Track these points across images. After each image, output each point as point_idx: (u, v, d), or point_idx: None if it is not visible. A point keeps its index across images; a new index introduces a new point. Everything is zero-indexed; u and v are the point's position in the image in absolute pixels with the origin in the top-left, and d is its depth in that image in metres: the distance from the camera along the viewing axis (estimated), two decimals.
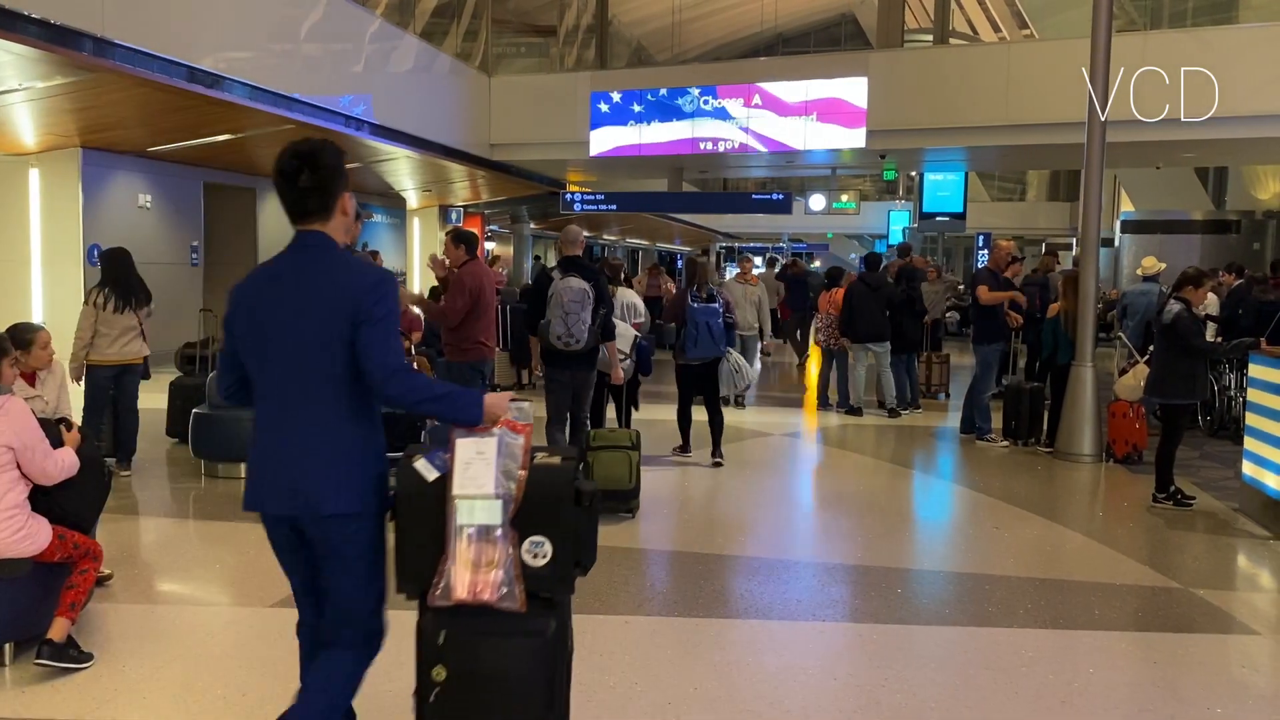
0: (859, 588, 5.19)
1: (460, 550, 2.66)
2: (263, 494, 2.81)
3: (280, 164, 2.80)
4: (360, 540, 2.82)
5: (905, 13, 19.78)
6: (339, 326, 2.71)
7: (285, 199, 2.82)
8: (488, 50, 18.18)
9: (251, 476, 2.84)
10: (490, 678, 2.69)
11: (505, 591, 2.64)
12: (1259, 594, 5.42)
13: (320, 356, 2.74)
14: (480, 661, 2.68)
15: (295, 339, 2.75)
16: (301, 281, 2.78)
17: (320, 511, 2.75)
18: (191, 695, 3.71)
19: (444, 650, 2.69)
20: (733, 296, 10.39)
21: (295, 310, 2.75)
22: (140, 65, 9.07)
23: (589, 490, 2.74)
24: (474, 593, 2.64)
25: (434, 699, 2.70)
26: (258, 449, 2.84)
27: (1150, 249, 16.99)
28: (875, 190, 39.62)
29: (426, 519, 2.70)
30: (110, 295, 7.08)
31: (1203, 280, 7.05)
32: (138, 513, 6.45)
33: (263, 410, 2.84)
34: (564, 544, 2.69)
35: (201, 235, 15.31)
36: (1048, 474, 8.12)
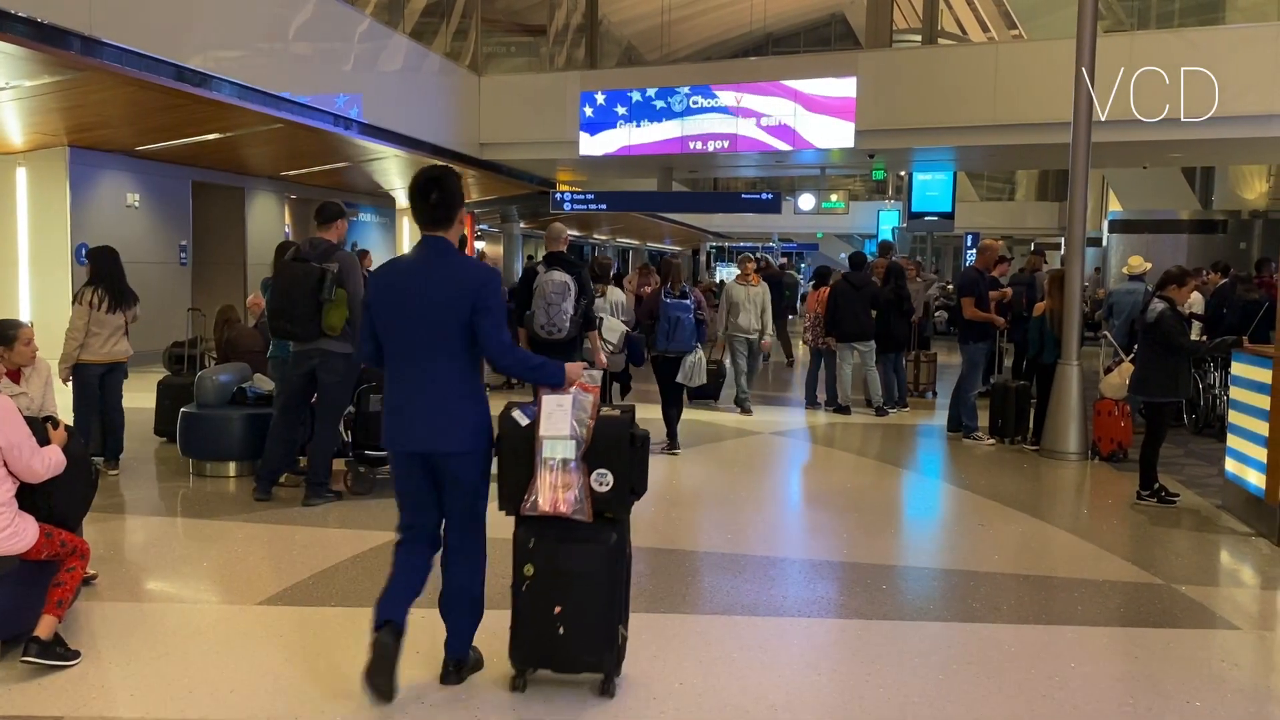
0: (845, 584, 5.23)
1: (545, 476, 3.59)
2: (401, 436, 3.68)
3: (415, 184, 3.69)
4: (474, 470, 3.72)
5: (894, 13, 19.85)
6: (461, 310, 3.58)
7: (417, 212, 3.71)
8: (478, 50, 18.19)
9: (390, 422, 3.70)
10: (566, 574, 3.63)
11: (577, 507, 3.57)
12: (1240, 590, 5.47)
13: (445, 332, 3.60)
14: (559, 561, 3.64)
15: (426, 318, 3.60)
16: (431, 274, 3.65)
17: (448, 450, 3.65)
18: (178, 693, 3.72)
19: (533, 553, 3.66)
20: (735, 298, 10.41)
21: (427, 296, 3.61)
22: (128, 64, 9.07)
23: (640, 435, 3.72)
24: (554, 507, 3.57)
25: (525, 590, 3.68)
26: (393, 402, 3.72)
27: (1137, 248, 17.09)
28: (865, 190, 39.72)
29: (520, 454, 3.65)
30: (104, 295, 7.07)
31: (1186, 279, 7.10)
32: (126, 511, 6.44)
33: (395, 371, 3.71)
34: (622, 475, 3.63)
35: (190, 234, 15.29)
36: (1033, 472, 8.17)
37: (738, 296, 10.46)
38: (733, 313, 10.47)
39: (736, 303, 10.45)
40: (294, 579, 5.03)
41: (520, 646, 3.73)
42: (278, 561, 5.39)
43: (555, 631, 3.63)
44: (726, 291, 10.68)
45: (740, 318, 10.39)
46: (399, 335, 3.67)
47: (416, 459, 3.69)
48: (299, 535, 5.84)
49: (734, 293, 10.55)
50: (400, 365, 3.69)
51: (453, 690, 3.78)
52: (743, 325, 10.39)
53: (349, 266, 6.44)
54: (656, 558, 5.56)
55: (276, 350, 7.02)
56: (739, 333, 10.44)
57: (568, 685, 3.80)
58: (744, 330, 10.40)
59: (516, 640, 3.73)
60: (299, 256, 6.42)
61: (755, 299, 10.46)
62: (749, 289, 10.50)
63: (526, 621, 3.70)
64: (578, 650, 3.66)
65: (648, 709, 3.66)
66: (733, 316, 10.47)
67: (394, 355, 3.70)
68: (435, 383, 3.63)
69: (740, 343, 10.48)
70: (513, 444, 3.68)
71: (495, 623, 3.91)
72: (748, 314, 10.39)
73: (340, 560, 5.34)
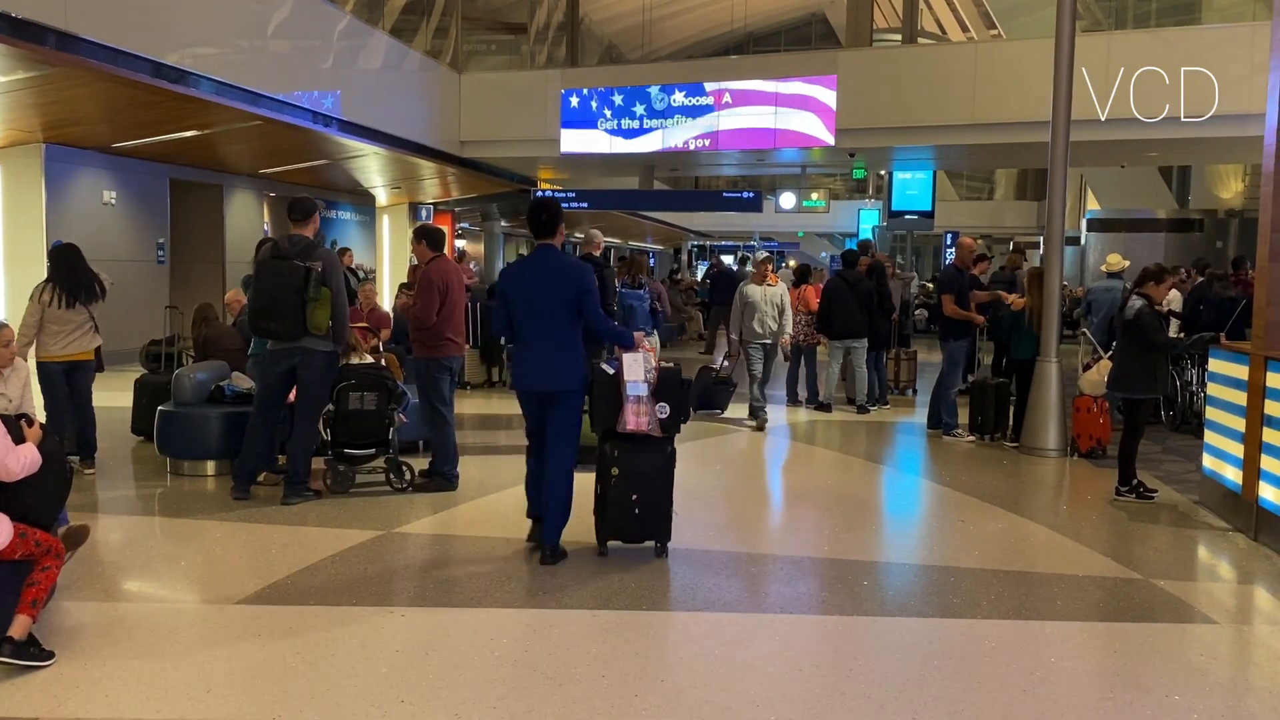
0: (825, 580, 5.23)
1: (629, 407, 5.27)
2: (526, 380, 5.38)
3: (531, 208, 5.50)
4: (575, 404, 5.36)
5: (874, 12, 19.91)
6: (568, 294, 5.26)
7: (533, 226, 5.47)
8: (458, 47, 18.13)
9: (518, 370, 5.45)
10: (641, 473, 5.31)
11: (651, 427, 5.28)
12: (1218, 584, 5.51)
13: (556, 309, 5.27)
14: (634, 464, 5.30)
15: (545, 299, 5.27)
16: (547, 269, 5.34)
17: (556, 388, 5.29)
18: (154, 692, 3.69)
19: (616, 460, 5.28)
20: (751, 299, 9.64)
21: (544, 285, 5.29)
22: (105, 60, 8.99)
23: (684, 380, 5.51)
24: (638, 426, 5.27)
25: (612, 485, 5.28)
26: (521, 357, 5.41)
27: (1115, 247, 17.22)
28: (845, 189, 39.84)
29: (607, 393, 5.34)
30: (58, 292, 6.98)
31: (1164, 277, 7.15)
32: (102, 511, 6.38)
33: (523, 337, 5.38)
34: (675, 407, 5.38)
35: (167, 232, 15.17)
36: (1013, 468, 8.21)
37: (754, 298, 9.69)
38: (747, 316, 9.68)
39: (753, 304, 9.66)
40: (272, 578, 4.99)
41: (605, 526, 5.39)
42: (256, 560, 5.34)
43: (632, 513, 5.32)
44: (741, 293, 9.83)
45: (755, 321, 9.63)
46: (525, 312, 5.32)
47: (534, 395, 5.37)
48: (278, 534, 5.80)
49: (750, 294, 9.74)
50: (527, 333, 5.35)
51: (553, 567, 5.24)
52: (758, 330, 9.62)
53: (331, 264, 6.40)
54: (638, 555, 5.54)
55: (256, 348, 6.97)
56: (754, 338, 9.68)
57: (634, 551, 5.47)
58: (759, 336, 9.64)
59: (602, 522, 5.41)
60: (279, 254, 6.37)
61: (773, 300, 9.68)
62: (765, 289, 9.69)
63: (611, 507, 5.31)
64: (647, 526, 5.39)
65: (630, 706, 3.65)
66: (747, 320, 9.68)
67: (521, 326, 5.36)
68: (552, 343, 5.29)
69: (756, 349, 9.71)
70: (602, 387, 5.36)
71: None
72: (763, 316, 9.61)
73: (319, 559, 5.30)
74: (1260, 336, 6.19)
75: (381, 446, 6.79)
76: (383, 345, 8.88)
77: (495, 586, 4.95)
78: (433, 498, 6.71)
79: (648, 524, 5.37)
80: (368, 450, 6.78)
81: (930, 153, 17.49)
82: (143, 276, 14.33)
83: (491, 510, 6.53)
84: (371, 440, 6.76)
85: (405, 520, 6.16)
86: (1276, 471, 5.78)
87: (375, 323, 9.32)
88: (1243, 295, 10.25)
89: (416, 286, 7.03)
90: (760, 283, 9.73)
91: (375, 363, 7.32)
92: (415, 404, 7.23)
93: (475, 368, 12.83)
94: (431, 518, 6.28)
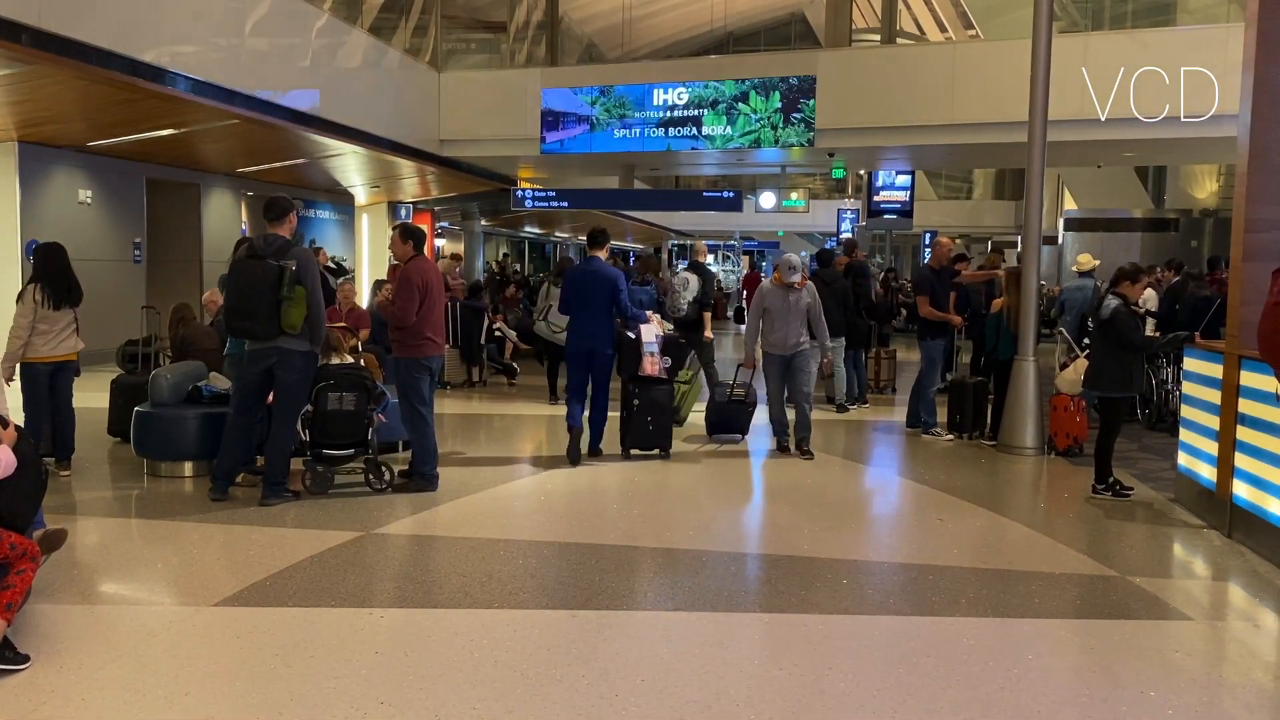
0: (805, 579, 5.25)
1: (646, 359, 8.33)
2: (580, 342, 7.93)
3: (591, 232, 8.28)
4: (609, 361, 8.04)
5: (853, 12, 19.97)
6: (608, 289, 7.91)
7: (590, 241, 8.26)
8: (437, 46, 18.05)
9: (573, 337, 8.02)
10: (653, 402, 8.18)
11: (659, 371, 8.41)
12: (1193, 581, 5.57)
13: (600, 299, 7.91)
14: (649, 396, 8.18)
15: (592, 292, 7.92)
16: (593, 273, 8.00)
17: (599, 349, 7.92)
18: (131, 696, 3.66)
19: (636, 393, 8.13)
20: (770, 305, 8.38)
21: (591, 282, 7.95)
22: (79, 57, 8.90)
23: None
24: (652, 370, 8.33)
25: (634, 410, 8.14)
26: (575, 329, 8.02)
27: (1091, 246, 17.36)
28: (825, 188, 39.95)
29: (630, 351, 8.34)
30: (48, 292, 6.93)
31: (1139, 276, 7.21)
32: (78, 513, 6.32)
33: (578, 315, 8.00)
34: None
35: (144, 231, 15.06)
36: (991, 467, 8.26)
37: (774, 305, 8.39)
38: (766, 324, 8.47)
39: (771, 310, 8.41)
40: (250, 580, 4.96)
41: (629, 439, 8.21)
42: (234, 562, 5.31)
43: (648, 430, 8.17)
44: (760, 295, 8.57)
45: (776, 331, 8.39)
46: (579, 300, 8.00)
47: (584, 353, 7.91)
48: (256, 535, 5.77)
49: (769, 299, 8.43)
50: (582, 313, 8.00)
51: (595, 461, 8.00)
52: (775, 341, 8.40)
53: (306, 263, 6.36)
54: (618, 554, 5.55)
55: (233, 348, 6.92)
56: (773, 350, 8.46)
57: (648, 456, 8.17)
58: (779, 347, 8.40)
59: (628, 436, 8.22)
60: (254, 253, 6.34)
61: (801, 305, 8.34)
62: (789, 294, 8.35)
63: (633, 426, 8.17)
64: (656, 439, 8.23)
65: (610, 706, 3.65)
66: (766, 329, 8.48)
67: (576, 308, 8.04)
68: (594, 321, 7.91)
69: (775, 361, 8.46)
70: (628, 346, 8.30)
71: None
72: (788, 326, 8.35)
73: (298, 560, 5.28)
74: (1234, 335, 6.25)
75: (360, 447, 6.77)
76: (361, 345, 8.84)
77: (475, 587, 4.94)
78: (412, 498, 6.70)
79: (656, 437, 8.18)
80: (347, 451, 6.75)
81: (909, 152, 17.56)
82: (119, 276, 14.22)
83: (472, 510, 6.52)
84: (350, 441, 6.74)
85: (385, 521, 6.14)
86: (1250, 469, 5.85)
87: (354, 322, 9.28)
88: (1218, 295, 10.35)
89: (395, 285, 7.00)
90: (781, 286, 8.37)
91: (354, 363, 7.29)
92: (394, 404, 7.21)
93: (455, 367, 12.81)
94: (411, 518, 6.26)
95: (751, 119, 15.16)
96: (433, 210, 23.20)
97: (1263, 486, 5.70)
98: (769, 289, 8.55)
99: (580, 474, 7.66)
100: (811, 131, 14.78)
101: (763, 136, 15.10)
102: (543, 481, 7.43)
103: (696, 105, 15.43)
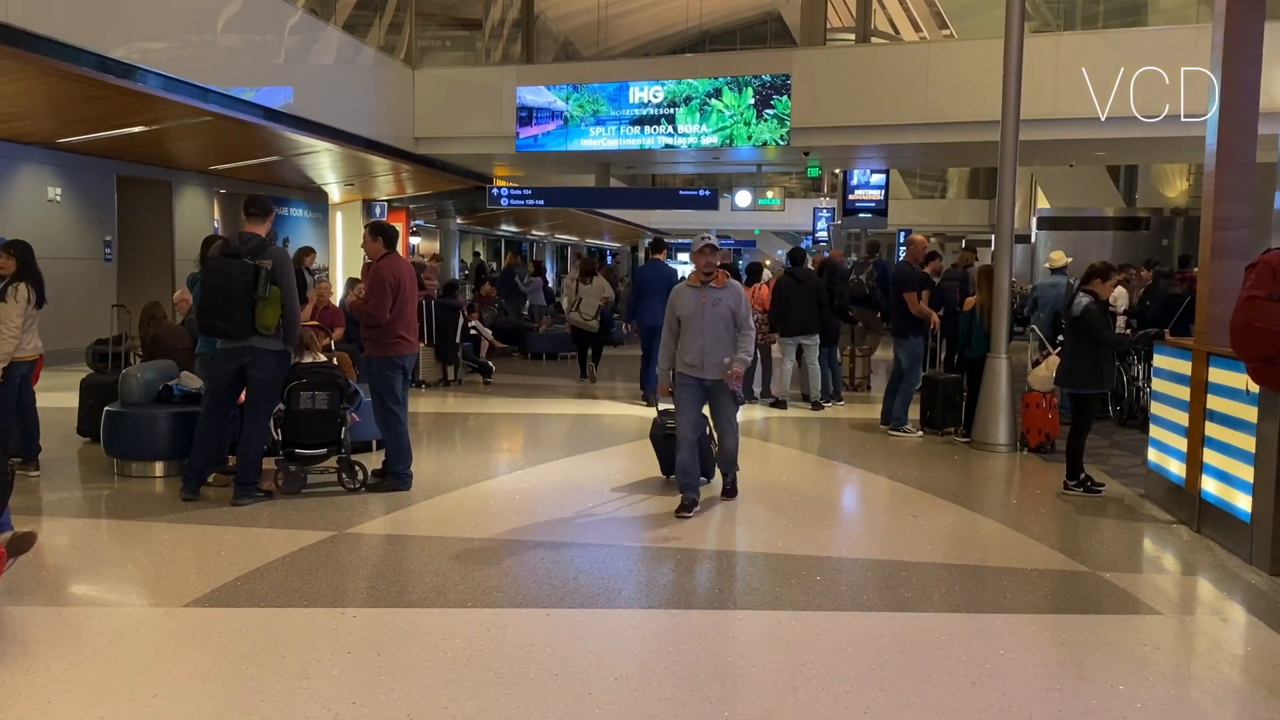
0: (779, 576, 5.26)
1: None
2: (647, 322, 10.64)
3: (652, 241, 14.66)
4: None
5: (828, 11, 20.04)
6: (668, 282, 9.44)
7: (653, 247, 11.84)
8: (412, 43, 17.97)
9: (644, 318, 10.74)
10: None
11: None
12: (1162, 576, 5.62)
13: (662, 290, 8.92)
14: None
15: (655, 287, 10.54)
16: (658, 271, 11.22)
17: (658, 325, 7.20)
18: (99, 698, 3.62)
19: None
20: (684, 311, 6.49)
21: (657, 278, 10.92)
22: (47, 53, 8.79)
23: None
24: None
25: None
26: (642, 311, 10.82)
27: (1064, 245, 17.47)
28: (801, 187, 40.06)
29: None
30: (32, 290, 6.86)
31: (1109, 274, 7.27)
32: (46, 513, 6.25)
33: (644, 304, 10.75)
34: None
35: (115, 229, 14.91)
36: (964, 463, 8.31)
37: (685, 307, 6.55)
38: (682, 336, 6.61)
39: (683, 318, 6.58)
40: (221, 580, 4.92)
41: None
42: (205, 563, 5.27)
43: None
44: (673, 297, 6.77)
45: (689, 346, 6.54)
46: (649, 290, 10.54)
47: (647, 328, 10.44)
48: (227, 536, 5.72)
49: (681, 301, 6.60)
50: (647, 300, 10.43)
51: None
52: (689, 360, 6.50)
53: (282, 263, 6.32)
54: (593, 553, 5.55)
55: (204, 346, 6.85)
56: (688, 370, 6.59)
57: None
58: (692, 367, 6.52)
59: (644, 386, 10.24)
60: (229, 252, 6.28)
61: (721, 312, 6.48)
62: (703, 294, 6.51)
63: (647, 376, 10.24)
64: None
65: (583, 704, 3.65)
66: (681, 342, 6.61)
67: (645, 297, 10.53)
68: (655, 306, 9.27)
69: (686, 389, 6.60)
70: None
71: None
72: (701, 337, 6.48)
73: (270, 561, 5.24)
74: (1203, 332, 6.32)
75: (334, 446, 6.72)
76: (335, 344, 8.79)
77: (449, 586, 4.92)
78: (386, 498, 6.66)
79: None
80: (319, 450, 6.71)
81: (884, 151, 17.63)
82: (89, 275, 14.07)
83: (445, 510, 6.49)
84: (323, 440, 6.70)
85: (358, 521, 6.11)
86: (1218, 465, 5.91)
87: (328, 321, 9.23)
88: (1188, 293, 10.45)
89: (368, 283, 6.96)
90: (698, 284, 6.52)
91: (327, 361, 7.25)
92: (368, 403, 7.17)
93: (431, 366, 12.76)
94: (385, 518, 6.23)
95: (725, 115, 15.18)
96: (408, 208, 23.10)
97: (1230, 482, 5.76)
98: (683, 289, 6.59)
99: (554, 471, 7.64)
100: (785, 127, 14.82)
101: (735, 133, 15.13)
102: (517, 481, 7.41)
103: (671, 103, 15.44)
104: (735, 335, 6.48)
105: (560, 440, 9.34)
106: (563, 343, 15.85)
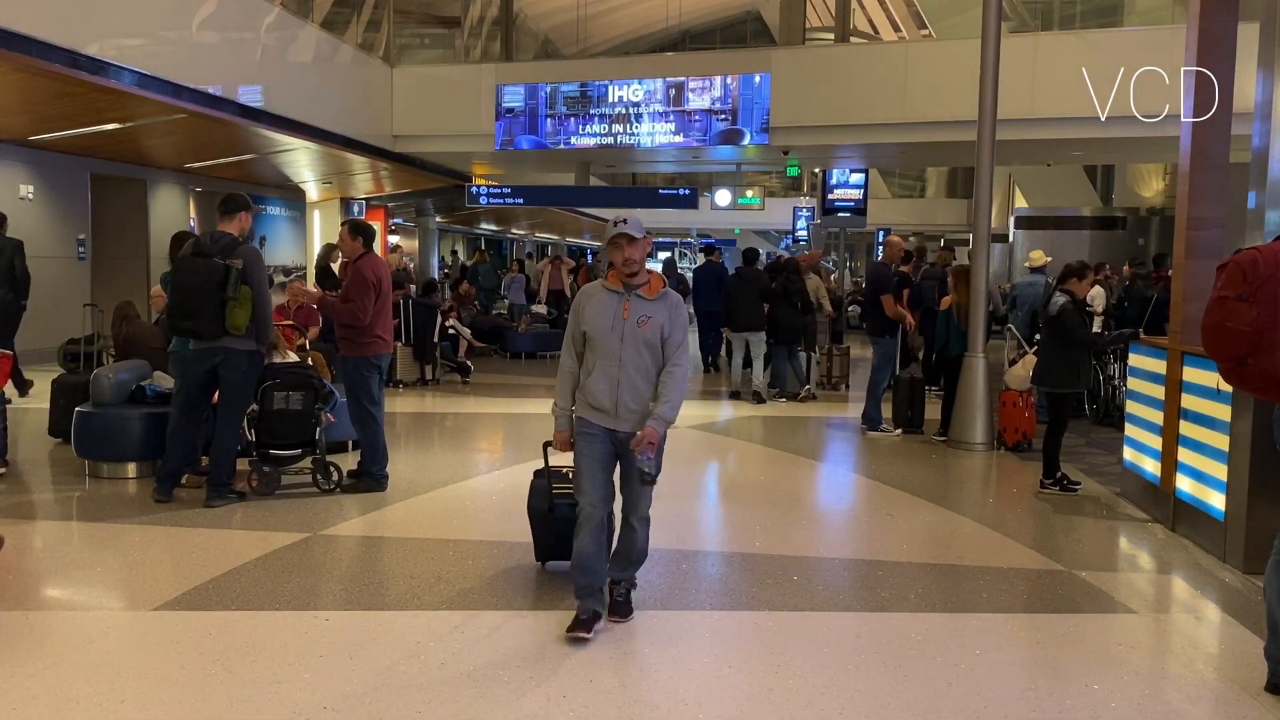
0: (756, 576, 5.24)
1: None
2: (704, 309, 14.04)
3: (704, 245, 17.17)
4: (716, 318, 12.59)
5: (808, 11, 20.07)
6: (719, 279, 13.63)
7: (707, 250, 15.03)
8: (390, 41, 17.86)
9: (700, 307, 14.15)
10: None
11: None
12: (1137, 574, 5.64)
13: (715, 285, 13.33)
14: None
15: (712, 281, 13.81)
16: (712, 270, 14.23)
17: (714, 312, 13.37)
18: (66, 704, 3.56)
19: None
20: (593, 326, 4.33)
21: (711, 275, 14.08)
22: (18, 49, 8.67)
23: None
24: None
25: None
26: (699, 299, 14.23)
27: (1042, 244, 17.57)
28: (781, 186, 40.14)
29: None
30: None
31: (1085, 273, 7.30)
32: (15, 516, 6.16)
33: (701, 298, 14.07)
34: None
35: (89, 228, 14.75)
36: (941, 462, 8.32)
37: (594, 320, 4.76)
38: (587, 360, 5.17)
39: (592, 336, 4.81)
40: (194, 582, 4.86)
41: None
42: (177, 565, 5.21)
43: None
44: (578, 303, 5.28)
45: (598, 378, 4.91)
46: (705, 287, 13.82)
47: (703, 314, 14.02)
48: (200, 537, 5.66)
49: (589, 309, 4.84)
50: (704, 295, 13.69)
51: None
52: (598, 400, 4.83)
53: (253, 262, 6.25)
54: None
55: (177, 346, 6.78)
56: (592, 417, 4.93)
57: None
58: (604, 413, 4.94)
59: None
60: (200, 250, 6.22)
61: (647, 336, 4.97)
62: (622, 301, 4.90)
63: None
64: None
65: (557, 707, 3.62)
66: (585, 373, 5.11)
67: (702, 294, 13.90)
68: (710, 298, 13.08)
69: (593, 440, 4.71)
70: None
71: None
72: (614, 368, 4.90)
73: (243, 562, 5.18)
74: (1177, 331, 6.35)
75: (308, 447, 6.67)
76: (309, 344, 8.72)
77: (423, 589, 4.88)
78: (361, 499, 6.61)
79: None
80: (294, 451, 6.65)
81: (863, 151, 17.67)
82: (62, 273, 13.92)
83: (421, 511, 6.45)
84: (297, 440, 6.64)
85: (332, 522, 6.06)
86: (1192, 463, 5.94)
87: (303, 321, 9.15)
88: (1163, 292, 10.52)
89: (348, 284, 6.89)
90: (619, 288, 4.51)
91: (301, 361, 7.18)
92: (343, 403, 7.11)
93: (408, 366, 12.69)
94: (360, 519, 6.18)
95: None
96: (386, 206, 22.98)
97: (1204, 480, 5.79)
98: (595, 291, 4.58)
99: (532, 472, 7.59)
100: None
101: None
102: (494, 481, 7.37)
103: (650, 101, 15.42)
104: (659, 371, 4.42)
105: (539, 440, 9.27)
106: (542, 341, 15.82)
